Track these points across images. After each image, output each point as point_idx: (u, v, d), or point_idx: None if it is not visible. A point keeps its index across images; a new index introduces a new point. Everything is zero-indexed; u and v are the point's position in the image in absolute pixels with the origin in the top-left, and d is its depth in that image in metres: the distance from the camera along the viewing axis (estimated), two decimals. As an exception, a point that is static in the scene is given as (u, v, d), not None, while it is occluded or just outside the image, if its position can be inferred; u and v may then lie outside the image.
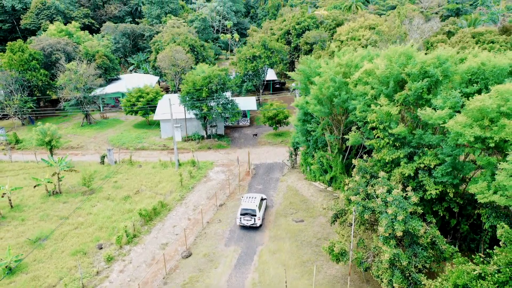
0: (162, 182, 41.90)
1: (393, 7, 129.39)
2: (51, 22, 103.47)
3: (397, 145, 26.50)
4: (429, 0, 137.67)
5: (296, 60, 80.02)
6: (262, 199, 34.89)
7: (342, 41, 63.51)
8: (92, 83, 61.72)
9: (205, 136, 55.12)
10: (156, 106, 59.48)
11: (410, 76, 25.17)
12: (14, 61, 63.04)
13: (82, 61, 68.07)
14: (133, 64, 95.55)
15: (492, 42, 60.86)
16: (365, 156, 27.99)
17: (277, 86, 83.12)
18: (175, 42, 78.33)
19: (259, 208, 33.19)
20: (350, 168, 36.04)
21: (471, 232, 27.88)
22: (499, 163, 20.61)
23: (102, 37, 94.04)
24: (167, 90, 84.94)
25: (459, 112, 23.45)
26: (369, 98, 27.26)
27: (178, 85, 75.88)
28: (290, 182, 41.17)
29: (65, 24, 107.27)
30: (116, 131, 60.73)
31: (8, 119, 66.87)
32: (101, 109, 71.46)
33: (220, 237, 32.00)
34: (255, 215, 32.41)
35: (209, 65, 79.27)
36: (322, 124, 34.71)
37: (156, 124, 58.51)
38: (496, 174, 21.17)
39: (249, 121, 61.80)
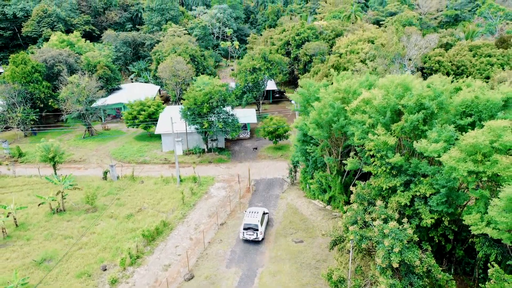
0: (164, 199, 42.63)
1: (392, 14, 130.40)
2: (52, 29, 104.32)
3: (394, 173, 27.24)
4: (427, 6, 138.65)
5: (296, 69, 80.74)
6: (264, 213, 36.30)
7: (341, 54, 64.26)
8: (94, 96, 62.49)
9: (206, 149, 55.86)
10: (157, 119, 60.20)
11: (406, 107, 25.92)
12: (17, 73, 63.69)
13: (84, 73, 68.86)
14: (133, 72, 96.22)
15: (489, 56, 61.67)
16: (362, 184, 28.70)
17: (277, 95, 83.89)
18: (175, 52, 79.05)
19: (261, 222, 34.56)
20: (348, 187, 36.81)
21: (466, 256, 28.65)
22: (491, 199, 21.36)
23: (103, 45, 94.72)
24: (167, 99, 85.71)
25: (453, 144, 24.17)
26: (366, 127, 27.99)
27: (179, 95, 76.73)
28: (290, 199, 41.92)
29: (66, 31, 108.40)
30: (118, 143, 61.42)
31: (10, 130, 67.46)
32: (103, 119, 72.13)
33: (221, 258, 32.74)
34: (257, 230, 33.83)
35: (210, 76, 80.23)
36: (321, 145, 35.46)
37: (157, 136, 59.23)
38: (489, 206, 21.93)
39: (249, 133, 62.54)
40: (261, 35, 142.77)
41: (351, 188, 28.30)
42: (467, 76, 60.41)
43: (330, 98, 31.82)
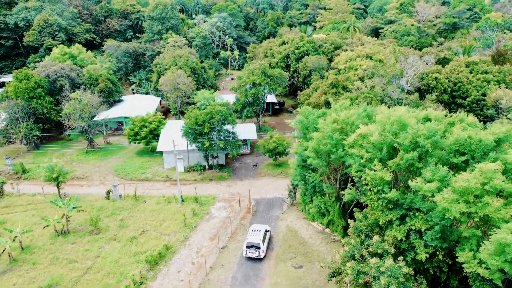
0: (166, 220, 43.52)
1: (391, 21, 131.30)
2: (54, 39, 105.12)
3: (390, 206, 28.15)
4: (426, 13, 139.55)
5: (295, 81, 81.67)
6: (266, 231, 38.30)
7: (339, 70, 65.16)
8: (96, 111, 63.44)
9: (207, 166, 56.76)
10: (159, 135, 61.04)
11: (401, 146, 26.82)
12: (20, 89, 64.49)
13: (86, 88, 69.77)
14: (134, 82, 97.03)
15: (486, 73, 62.55)
16: (360, 215, 29.61)
17: (277, 107, 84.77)
18: (176, 65, 79.90)
19: (263, 241, 36.60)
20: (347, 212, 37.73)
21: (461, 286, 29.54)
22: (483, 241, 22.27)
23: (104, 57, 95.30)
24: (168, 110, 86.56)
25: (447, 184, 25.05)
26: (364, 161, 28.89)
27: (180, 108, 77.62)
28: (289, 221, 42.83)
29: (68, 40, 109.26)
30: (120, 159, 62.31)
31: (13, 143, 68.20)
32: (105, 132, 72.93)
33: (223, 284, 33.65)
34: (259, 248, 35.82)
35: (210, 89, 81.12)
36: (320, 172, 36.36)
37: (159, 151, 60.10)
38: (480, 248, 22.84)
39: (249, 148, 63.43)
40: (261, 42, 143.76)
41: (349, 221, 29.15)
42: (463, 93, 61.45)
43: (328, 129, 32.74)
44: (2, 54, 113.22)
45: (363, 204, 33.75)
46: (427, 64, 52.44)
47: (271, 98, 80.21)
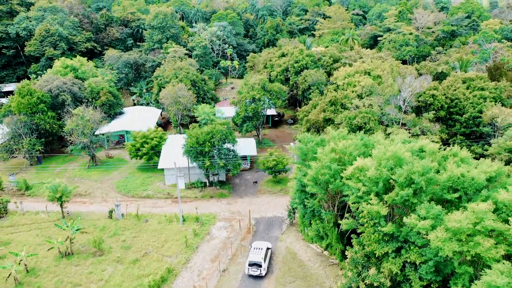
0: (168, 241, 44.40)
1: (389, 29, 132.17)
2: (55, 48, 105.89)
3: (386, 239, 29.06)
4: (424, 20, 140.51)
5: (294, 94, 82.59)
6: (267, 248, 40.15)
7: (338, 86, 66.05)
8: (97, 127, 64.36)
9: (207, 183, 57.63)
10: (160, 151, 61.91)
11: (397, 182, 27.72)
12: (23, 104, 65.34)
13: (88, 103, 70.67)
14: (135, 93, 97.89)
15: (482, 89, 63.43)
16: (356, 246, 30.50)
17: (276, 119, 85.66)
18: (177, 77, 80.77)
19: (265, 259, 38.43)
20: (345, 236, 38.63)
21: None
22: (474, 283, 23.18)
23: (106, 69, 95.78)
24: (169, 121, 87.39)
25: (441, 220, 25.95)
26: (360, 194, 29.79)
27: (180, 121, 78.54)
28: (288, 242, 43.72)
29: (69, 50, 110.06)
30: (121, 174, 63.18)
31: (15, 157, 68.97)
32: (106, 146, 73.76)
33: (224, 309, 34.54)
34: (261, 266, 37.59)
35: (211, 102, 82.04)
36: (318, 198, 37.26)
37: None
38: (473, 283, 23.75)
39: (249, 164, 64.28)
40: (260, 49, 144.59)
41: (347, 252, 30.04)
42: (460, 109, 62.29)
43: (327, 159, 33.64)
44: (3, 63, 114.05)
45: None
46: (424, 83, 53.19)
47: (270, 111, 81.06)
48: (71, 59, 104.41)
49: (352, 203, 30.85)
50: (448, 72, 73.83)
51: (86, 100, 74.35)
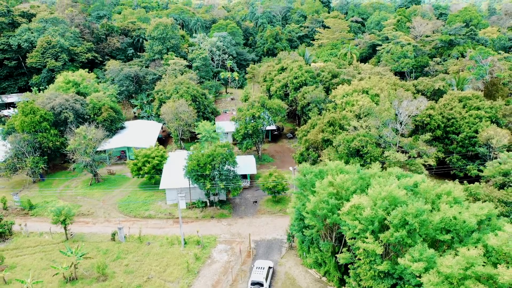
0: (170, 265, 45.45)
1: (387, 38, 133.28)
2: (56, 60, 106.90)
3: (382, 275, 30.13)
4: (422, 28, 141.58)
5: (293, 109, 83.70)
6: (269, 268, 42.51)
7: (336, 105, 67.10)
8: (100, 145, 65.44)
9: (208, 203, 58.68)
10: (161, 170, 62.98)
11: (391, 223, 28.79)
12: (26, 123, 66.30)
13: (90, 121, 71.72)
14: (136, 105, 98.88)
15: (478, 108, 64.51)
16: (353, 282, 31.57)
17: (276, 133, 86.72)
18: (177, 92, 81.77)
19: (266, 278, 40.59)
20: (342, 265, 39.67)
21: None
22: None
23: (104, 74, 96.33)
24: (169, 135, 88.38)
25: (434, 262, 27.02)
26: (356, 232, 30.86)
27: (181, 135, 79.60)
28: (288, 267, 44.78)
29: (70, 61, 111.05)
30: (123, 192, 64.23)
31: (18, 174, 69.78)
32: (108, 162, 74.73)
33: (225, 338, 35.59)
34: (262, 286, 39.64)
35: (211, 117, 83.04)
36: (316, 228, 38.31)
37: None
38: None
39: (249, 182, 65.31)
40: (260, 58, 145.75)
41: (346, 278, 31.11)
42: (456, 129, 63.39)
43: (325, 193, 34.70)
44: (5, 74, 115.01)
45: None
46: (421, 106, 54.24)
47: (269, 125, 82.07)
48: (73, 71, 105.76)
49: (349, 239, 31.91)
50: (445, 89, 74.91)
51: (88, 117, 75.40)
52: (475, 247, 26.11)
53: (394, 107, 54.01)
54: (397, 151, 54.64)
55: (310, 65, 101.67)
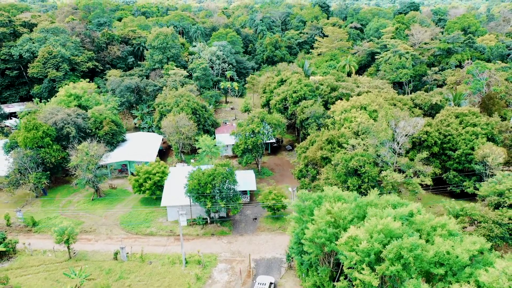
0: (172, 286, 46.45)
1: (385, 46, 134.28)
2: (57, 70, 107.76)
3: (378, 307, 31.12)
4: (421, 36, 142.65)
5: (293, 123, 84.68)
6: (271, 283, 44.62)
7: (335, 121, 68.07)
8: (101, 159, 66.41)
9: (209, 220, 59.63)
10: (163, 186, 63.93)
11: (387, 257, 29.76)
12: (29, 139, 67.18)
13: (91, 133, 72.61)
14: (136, 116, 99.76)
15: (475, 125, 65.43)
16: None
17: (275, 145, 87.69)
18: (178, 106, 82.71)
19: None
20: None
21: None
22: None
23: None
24: (170, 147, 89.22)
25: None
26: (353, 262, 31.83)
27: (182, 148, 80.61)
28: (287, 288, 45.84)
29: (71, 70, 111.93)
30: (125, 207, 65.16)
31: (21, 188, 70.51)
32: (109, 175, 75.57)
33: None
34: None
35: (211, 130, 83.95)
36: (315, 253, 39.26)
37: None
38: None
39: (249, 197, 66.27)
40: (259, 66, 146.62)
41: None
42: (453, 145, 64.34)
43: (323, 222, 35.67)
44: (6, 83, 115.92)
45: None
46: (417, 125, 55.22)
47: (269, 140, 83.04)
48: (74, 81, 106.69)
49: (346, 269, 32.87)
50: (442, 104, 75.90)
51: (90, 131, 76.29)
52: (468, 282, 27.11)
53: (391, 127, 54.93)
54: (394, 170, 55.65)
55: (309, 76, 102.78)
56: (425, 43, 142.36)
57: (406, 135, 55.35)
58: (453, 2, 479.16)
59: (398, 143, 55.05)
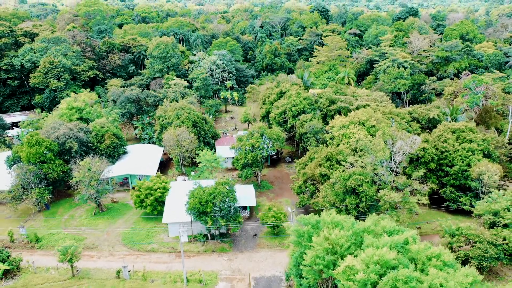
0: (173, 305, 47.44)
1: (384, 53, 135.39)
2: (59, 80, 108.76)
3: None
4: (419, 44, 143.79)
5: (292, 135, 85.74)
6: None
7: (334, 136, 69.06)
8: (103, 176, 67.42)
9: (209, 236, 60.61)
10: (164, 202, 64.92)
11: (384, 288, 30.79)
12: (31, 154, 68.08)
13: (93, 148, 73.56)
14: (137, 127, 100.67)
15: (471, 141, 66.43)
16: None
17: (274, 157, 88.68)
18: (178, 118, 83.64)
19: None
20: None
21: None
22: None
23: (106, 93, 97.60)
24: (170, 159, 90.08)
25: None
26: (351, 292, 32.86)
27: (182, 161, 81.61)
28: (286, 308, 46.81)
29: (72, 79, 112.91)
30: (127, 223, 66.12)
31: (23, 202, 71.32)
32: (111, 189, 76.40)
33: None
34: None
35: (211, 149, 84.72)
36: (313, 277, 40.28)
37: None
38: None
39: (249, 212, 67.26)
40: (259, 74, 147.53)
41: None
42: (450, 161, 65.36)
43: (321, 249, 36.66)
44: (8, 93, 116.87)
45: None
46: (414, 143, 56.21)
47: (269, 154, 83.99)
48: (75, 90, 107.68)
49: (344, 297, 33.89)
50: (440, 118, 76.92)
51: (91, 144, 77.21)
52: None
53: (388, 146, 55.93)
54: (392, 188, 56.66)
55: (308, 87, 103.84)
56: (424, 50, 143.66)
57: (403, 153, 56.37)
58: (452, 4, 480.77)
59: (395, 162, 56.06)
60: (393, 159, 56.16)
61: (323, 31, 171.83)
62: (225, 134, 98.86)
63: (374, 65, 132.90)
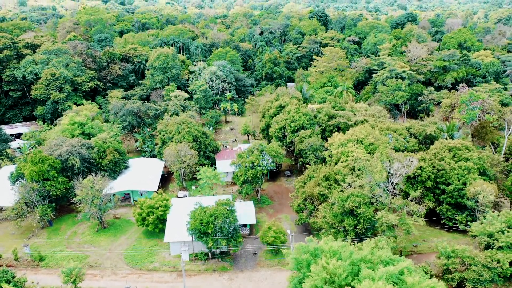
0: (175, 328, 48.60)
1: (383, 63, 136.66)
2: (60, 91, 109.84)
3: None
4: (418, 52, 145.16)
5: (291, 150, 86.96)
6: None
7: (332, 154, 70.25)
8: (105, 193, 68.56)
9: (210, 255, 61.74)
10: (165, 219, 66.05)
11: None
12: (35, 172, 69.17)
13: (95, 164, 74.63)
14: (138, 140, 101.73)
15: (467, 160, 67.59)
16: None
17: (274, 170, 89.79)
18: (179, 133, 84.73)
19: None
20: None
21: None
22: None
23: (107, 103, 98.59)
24: (171, 173, 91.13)
25: None
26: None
27: (183, 176, 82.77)
28: (285, 330, 47.97)
29: (73, 90, 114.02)
30: (129, 240, 67.26)
31: (26, 219, 72.23)
32: (112, 203, 77.47)
33: None
34: None
35: (212, 165, 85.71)
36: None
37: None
38: None
39: (249, 230, 68.40)
40: (258, 83, 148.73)
41: None
42: (446, 180, 66.50)
43: (319, 279, 37.83)
44: (10, 104, 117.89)
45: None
46: (411, 164, 57.42)
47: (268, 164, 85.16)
48: (76, 102, 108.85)
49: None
50: (437, 134, 78.10)
51: (94, 160, 78.29)
52: None
53: (385, 168, 57.10)
54: (389, 208, 57.87)
55: (307, 100, 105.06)
56: (422, 59, 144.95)
57: (400, 175, 57.54)
58: (451, 6, 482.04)
59: (392, 184, 57.25)
60: (390, 181, 57.34)
61: (322, 38, 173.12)
62: (225, 146, 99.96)
63: (373, 74, 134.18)
